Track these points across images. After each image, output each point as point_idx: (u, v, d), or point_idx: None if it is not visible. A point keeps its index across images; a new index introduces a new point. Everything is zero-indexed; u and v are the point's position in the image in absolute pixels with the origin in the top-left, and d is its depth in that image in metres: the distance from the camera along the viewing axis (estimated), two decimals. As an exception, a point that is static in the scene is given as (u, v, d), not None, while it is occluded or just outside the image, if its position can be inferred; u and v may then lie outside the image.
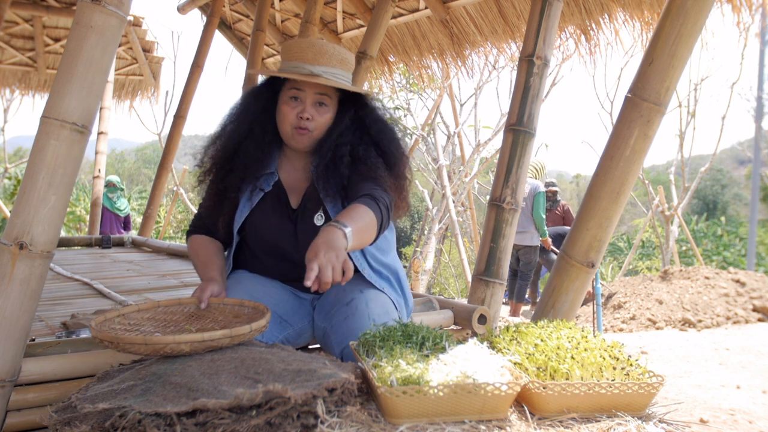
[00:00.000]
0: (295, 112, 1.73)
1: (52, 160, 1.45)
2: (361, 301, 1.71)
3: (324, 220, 1.77)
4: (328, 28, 5.36)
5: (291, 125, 1.74)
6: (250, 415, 1.09)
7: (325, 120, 1.76)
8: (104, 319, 1.49)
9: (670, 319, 5.66)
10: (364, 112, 1.81)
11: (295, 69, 1.72)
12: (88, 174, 12.88)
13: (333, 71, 1.73)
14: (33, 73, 7.34)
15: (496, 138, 8.82)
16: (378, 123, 1.82)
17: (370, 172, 1.72)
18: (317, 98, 1.74)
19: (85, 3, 1.48)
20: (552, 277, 2.39)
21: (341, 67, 1.75)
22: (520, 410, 1.25)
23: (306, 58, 1.71)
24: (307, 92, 1.73)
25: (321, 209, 1.78)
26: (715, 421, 3.23)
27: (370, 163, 1.74)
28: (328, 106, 1.76)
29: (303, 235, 1.78)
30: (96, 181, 6.51)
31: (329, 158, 1.73)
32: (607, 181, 2.26)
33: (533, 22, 2.69)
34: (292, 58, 1.74)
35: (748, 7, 3.19)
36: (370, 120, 1.80)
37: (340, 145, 1.74)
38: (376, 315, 1.68)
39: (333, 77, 1.73)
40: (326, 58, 1.72)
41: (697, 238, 12.74)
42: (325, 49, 1.73)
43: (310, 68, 1.71)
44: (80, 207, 12.20)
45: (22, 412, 1.53)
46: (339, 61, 1.74)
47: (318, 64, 1.71)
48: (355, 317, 1.67)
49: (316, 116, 1.74)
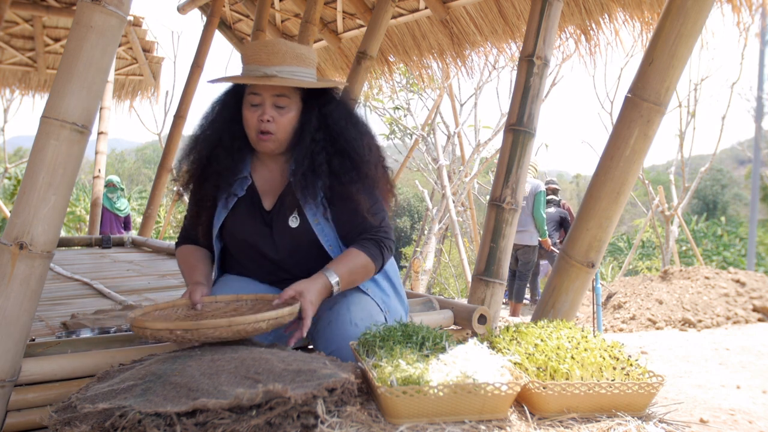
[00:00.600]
0: (256, 117, 1.72)
1: (52, 160, 1.45)
2: (342, 305, 1.70)
3: (299, 221, 1.76)
4: (328, 28, 5.36)
5: (254, 130, 1.73)
6: (250, 415, 1.09)
7: (286, 121, 1.72)
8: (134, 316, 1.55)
9: (670, 319, 5.66)
10: (327, 110, 1.77)
11: (251, 72, 1.70)
12: (88, 174, 12.87)
13: (290, 69, 1.69)
14: (33, 73, 7.33)
15: (496, 138, 8.82)
16: (340, 122, 1.78)
17: (348, 193, 1.73)
18: (275, 100, 1.71)
19: (85, 3, 1.48)
20: (552, 277, 2.39)
21: (298, 64, 1.71)
22: (520, 410, 1.25)
23: (260, 60, 1.69)
24: (264, 95, 1.71)
25: (296, 211, 1.77)
26: (715, 421, 3.23)
27: (346, 180, 1.73)
28: (289, 107, 1.72)
29: (279, 237, 1.78)
30: (96, 181, 6.51)
31: (307, 166, 1.72)
32: (607, 181, 2.26)
33: (533, 22, 2.69)
34: (247, 61, 1.73)
35: (748, 7, 3.19)
36: (332, 120, 1.76)
37: (316, 153, 1.72)
38: (359, 319, 1.67)
39: (291, 75, 1.69)
40: (280, 58, 1.69)
41: (697, 238, 12.74)
42: (278, 48, 1.70)
43: (264, 70, 1.68)
44: (80, 207, 12.20)
45: (22, 412, 1.53)
46: (294, 57, 1.70)
47: (272, 65, 1.68)
48: (337, 323, 1.67)
49: (277, 117, 1.71)
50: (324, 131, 1.75)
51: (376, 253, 1.74)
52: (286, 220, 1.77)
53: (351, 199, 1.74)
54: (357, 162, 1.75)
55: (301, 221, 1.76)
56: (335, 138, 1.75)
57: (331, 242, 1.79)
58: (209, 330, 1.37)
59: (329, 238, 1.78)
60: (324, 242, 1.77)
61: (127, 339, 1.80)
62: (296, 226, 1.76)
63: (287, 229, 1.77)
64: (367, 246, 1.73)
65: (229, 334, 1.39)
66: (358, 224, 1.76)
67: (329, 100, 1.79)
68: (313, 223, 1.76)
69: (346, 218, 1.76)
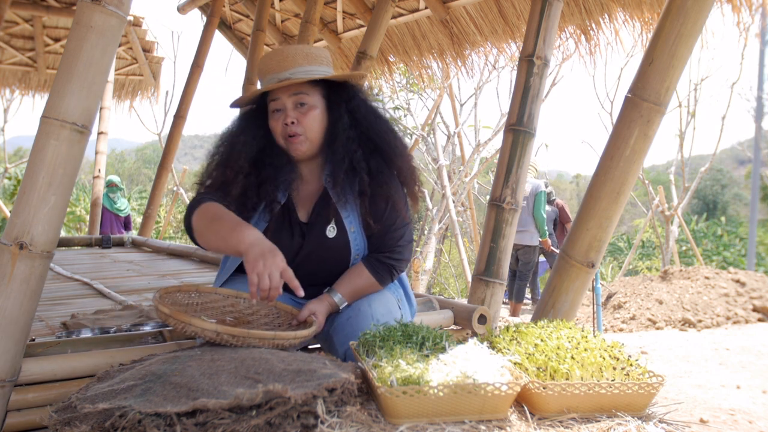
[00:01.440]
0: (280, 122, 1.71)
1: (52, 160, 1.45)
2: (363, 301, 1.72)
3: (336, 231, 1.75)
4: (328, 28, 5.36)
5: (282, 137, 1.72)
6: (250, 415, 1.09)
7: (311, 119, 1.70)
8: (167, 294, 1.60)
9: (670, 319, 5.66)
10: (352, 106, 1.75)
11: (267, 83, 1.72)
12: (88, 174, 12.87)
13: (303, 69, 1.70)
14: (33, 73, 7.33)
15: (496, 138, 8.81)
16: (369, 117, 1.76)
17: (385, 194, 1.71)
18: (294, 99, 1.70)
19: (85, 3, 1.48)
20: (552, 277, 2.39)
21: (309, 63, 1.71)
22: (520, 410, 1.25)
23: (273, 69, 1.71)
24: (282, 98, 1.70)
25: (333, 220, 1.75)
26: (715, 421, 3.23)
27: (383, 180, 1.72)
28: (309, 104, 1.71)
29: (311, 247, 1.76)
30: (96, 181, 6.51)
31: (347, 165, 1.70)
32: (607, 181, 2.26)
33: (533, 22, 2.69)
34: (262, 75, 1.74)
35: (748, 7, 3.19)
36: (360, 115, 1.75)
37: (353, 151, 1.71)
38: (380, 315, 1.68)
39: (304, 75, 1.69)
40: (290, 61, 1.70)
41: (697, 238, 12.74)
42: (287, 52, 1.71)
43: (278, 76, 1.70)
44: (80, 207, 12.19)
45: (22, 412, 1.53)
46: (304, 57, 1.71)
47: (284, 70, 1.69)
48: (358, 318, 1.68)
49: (300, 117, 1.70)
50: (355, 128, 1.74)
51: (385, 277, 1.77)
52: (323, 231, 1.75)
53: (385, 200, 1.72)
54: (390, 156, 1.75)
55: (339, 231, 1.75)
56: (366, 134, 1.74)
57: (359, 251, 1.78)
58: (254, 340, 1.40)
59: (359, 248, 1.78)
60: (353, 252, 1.77)
61: (127, 339, 1.80)
62: (333, 236, 1.75)
63: (324, 239, 1.75)
64: (378, 270, 1.75)
65: (268, 345, 1.42)
66: (380, 237, 1.76)
67: (352, 96, 1.77)
68: (350, 231, 1.75)
69: (375, 226, 1.74)
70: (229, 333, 1.38)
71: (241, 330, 1.39)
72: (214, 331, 1.37)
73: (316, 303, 1.69)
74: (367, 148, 1.74)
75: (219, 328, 1.37)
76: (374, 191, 1.72)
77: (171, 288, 1.65)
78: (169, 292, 1.64)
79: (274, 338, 1.41)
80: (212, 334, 1.38)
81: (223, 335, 1.38)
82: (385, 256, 1.77)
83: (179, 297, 1.67)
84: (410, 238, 1.82)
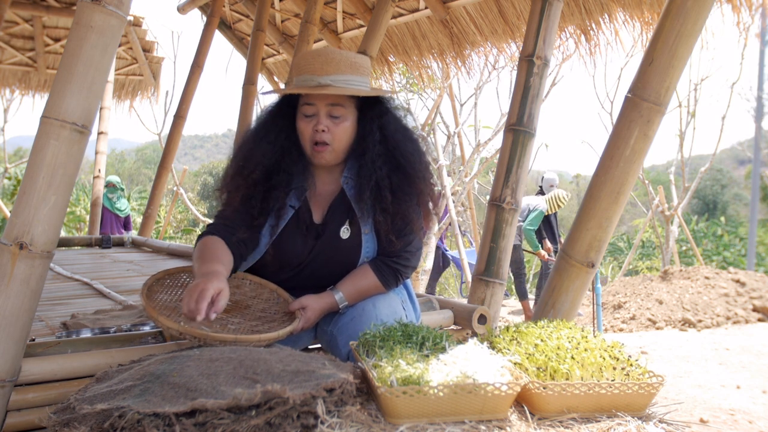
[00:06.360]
0: (310, 127, 1.68)
1: (52, 160, 1.45)
2: (368, 302, 1.72)
3: (350, 233, 1.74)
4: (328, 28, 5.36)
5: (309, 141, 1.70)
6: (250, 416, 1.09)
7: (342, 131, 1.69)
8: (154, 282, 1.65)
9: (670, 319, 5.66)
10: (383, 121, 1.72)
11: (305, 83, 1.67)
12: (88, 174, 12.88)
13: (344, 78, 1.66)
14: (33, 73, 7.33)
15: (496, 138, 8.81)
16: (396, 135, 1.74)
17: (402, 210, 1.70)
18: (329, 110, 1.67)
19: (85, 3, 1.48)
20: (552, 277, 2.39)
21: (352, 72, 1.67)
22: (520, 410, 1.25)
23: (314, 70, 1.66)
24: (318, 105, 1.67)
25: (347, 221, 1.75)
26: (715, 421, 3.23)
27: (402, 197, 1.70)
28: (344, 117, 1.69)
29: (321, 248, 1.75)
30: (96, 181, 6.51)
31: (374, 183, 1.68)
32: (607, 181, 2.26)
33: (533, 22, 2.69)
34: (301, 71, 1.69)
35: (748, 7, 3.19)
36: (389, 132, 1.73)
37: (379, 167, 1.69)
38: (384, 316, 1.68)
39: (345, 84, 1.66)
40: (334, 66, 1.65)
41: (697, 238, 12.74)
42: (332, 56, 1.66)
43: (318, 79, 1.65)
44: (80, 207, 12.20)
45: (22, 412, 1.53)
46: (348, 66, 1.67)
47: (326, 74, 1.64)
48: (362, 318, 1.67)
49: (332, 127, 1.68)
50: (383, 144, 1.71)
51: (390, 281, 1.76)
52: (337, 232, 1.74)
53: (402, 218, 1.71)
54: (412, 177, 1.73)
55: (353, 232, 1.74)
56: (392, 152, 1.72)
57: (369, 254, 1.78)
58: (215, 342, 1.44)
59: (369, 250, 1.77)
60: (363, 253, 1.76)
61: (127, 339, 1.80)
62: (347, 237, 1.74)
63: (337, 240, 1.74)
64: (384, 273, 1.75)
65: (231, 345, 1.45)
66: (390, 241, 1.74)
67: (384, 111, 1.75)
68: (363, 233, 1.75)
69: (387, 233, 1.73)
70: (190, 333, 1.43)
71: (201, 332, 1.43)
72: (177, 330, 1.43)
73: (312, 298, 1.68)
74: (391, 165, 1.72)
75: (181, 329, 1.42)
76: (395, 210, 1.70)
77: (172, 270, 1.73)
78: (170, 274, 1.72)
79: (235, 341, 1.44)
80: (176, 333, 1.44)
81: (186, 335, 1.44)
82: (393, 261, 1.76)
83: (183, 278, 1.74)
84: (419, 245, 1.81)
